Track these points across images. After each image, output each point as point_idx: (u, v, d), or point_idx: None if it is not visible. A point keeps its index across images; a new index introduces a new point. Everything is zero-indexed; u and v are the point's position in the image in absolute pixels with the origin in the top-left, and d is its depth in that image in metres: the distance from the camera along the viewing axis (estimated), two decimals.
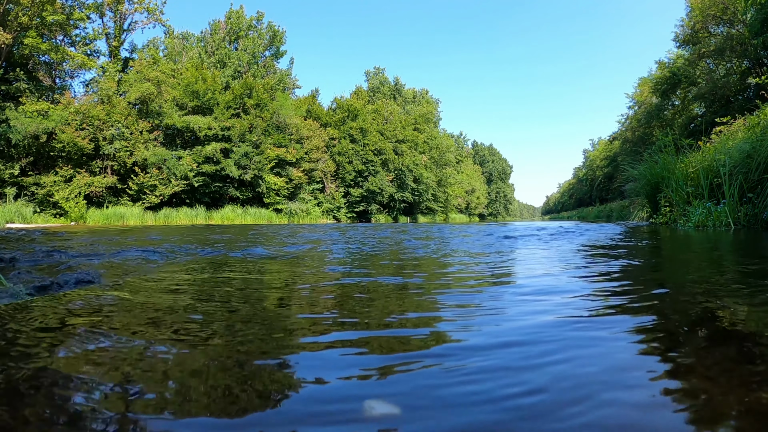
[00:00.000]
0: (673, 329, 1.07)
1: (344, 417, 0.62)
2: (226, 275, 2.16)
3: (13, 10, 18.79)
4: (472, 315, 1.22)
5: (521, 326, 1.08)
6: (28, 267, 2.35)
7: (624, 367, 0.80)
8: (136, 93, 22.39)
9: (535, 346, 0.91)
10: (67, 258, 2.86)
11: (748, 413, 0.62)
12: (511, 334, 1.01)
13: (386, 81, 54.47)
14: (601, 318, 1.15)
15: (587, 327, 1.06)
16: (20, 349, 0.92)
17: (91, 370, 0.82)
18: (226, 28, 32.89)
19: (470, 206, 66.83)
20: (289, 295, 1.65)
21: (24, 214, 17.32)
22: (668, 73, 28.71)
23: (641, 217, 11.14)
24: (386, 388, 0.72)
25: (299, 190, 29.75)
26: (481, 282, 1.90)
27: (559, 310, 1.25)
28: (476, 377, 0.75)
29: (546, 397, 0.67)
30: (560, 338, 0.97)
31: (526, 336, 0.99)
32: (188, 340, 1.00)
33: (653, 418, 0.61)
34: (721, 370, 0.78)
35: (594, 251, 3.25)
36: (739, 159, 6.28)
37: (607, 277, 1.92)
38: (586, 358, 0.84)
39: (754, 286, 1.65)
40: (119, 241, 4.83)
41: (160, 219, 21.41)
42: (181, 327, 1.12)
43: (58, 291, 1.58)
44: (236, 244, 4.57)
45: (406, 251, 3.54)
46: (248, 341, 1.00)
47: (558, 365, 0.80)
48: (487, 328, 1.07)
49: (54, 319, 1.20)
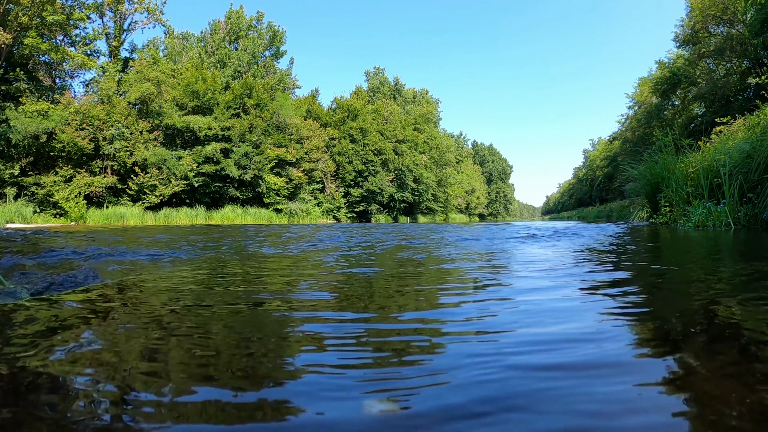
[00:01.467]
0: (673, 329, 1.07)
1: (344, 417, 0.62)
2: (226, 275, 2.16)
3: (13, 10, 18.79)
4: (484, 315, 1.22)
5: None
6: (29, 266, 2.35)
7: (624, 369, 0.80)
8: (136, 93, 22.39)
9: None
10: (66, 258, 2.86)
11: (750, 414, 0.62)
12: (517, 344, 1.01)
13: (386, 81, 54.47)
14: (602, 317, 1.15)
15: (587, 327, 1.06)
16: (20, 349, 0.92)
17: (90, 370, 0.81)
18: (226, 28, 32.90)
19: (470, 206, 66.83)
20: (291, 295, 1.65)
21: (24, 214, 17.32)
22: (668, 73, 28.71)
23: (641, 217, 11.13)
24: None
25: (299, 190, 29.75)
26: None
27: (559, 308, 1.25)
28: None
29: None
30: (554, 334, 0.97)
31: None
32: (188, 340, 1.00)
33: (654, 419, 0.61)
34: (722, 371, 0.78)
35: (594, 251, 3.25)
36: (739, 159, 6.28)
37: (608, 277, 1.92)
38: (582, 356, 0.84)
39: (755, 285, 1.65)
40: (119, 241, 4.83)
41: (160, 219, 21.41)
42: (181, 327, 1.12)
43: (58, 291, 1.58)
44: (236, 244, 4.57)
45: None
46: (250, 341, 1.00)
47: (557, 365, 0.80)
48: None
49: (54, 319, 1.20)
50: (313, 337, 1.03)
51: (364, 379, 0.76)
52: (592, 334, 1.00)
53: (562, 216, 63.72)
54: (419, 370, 0.79)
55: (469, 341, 0.96)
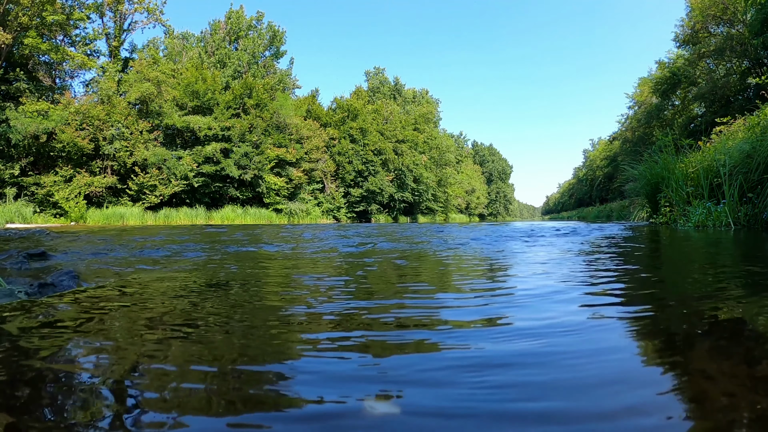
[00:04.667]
0: (672, 329, 1.06)
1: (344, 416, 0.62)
2: (226, 274, 2.15)
3: (13, 10, 18.79)
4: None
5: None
6: (27, 267, 2.34)
7: (624, 368, 0.79)
8: (136, 93, 22.39)
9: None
10: (66, 258, 2.86)
11: (753, 416, 0.61)
12: (519, 349, 1.01)
13: (386, 81, 54.48)
14: (601, 317, 1.15)
15: (586, 327, 1.06)
16: (17, 350, 0.92)
17: (87, 370, 0.81)
18: (226, 28, 32.90)
19: (470, 206, 66.84)
20: (291, 294, 1.65)
21: (24, 214, 17.32)
22: (668, 73, 28.72)
23: (641, 217, 11.13)
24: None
25: (299, 190, 29.75)
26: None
27: (557, 308, 1.24)
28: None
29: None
30: (556, 338, 0.97)
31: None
32: (188, 340, 0.99)
33: (654, 420, 0.61)
34: (724, 372, 0.78)
35: (594, 251, 3.25)
36: (739, 159, 6.28)
37: (608, 278, 1.92)
38: (583, 357, 0.83)
39: (755, 285, 1.64)
40: (119, 241, 4.83)
41: (160, 219, 21.41)
42: (180, 326, 1.11)
43: (55, 291, 1.57)
44: (236, 243, 4.57)
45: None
46: (249, 341, 0.99)
47: (555, 365, 0.80)
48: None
49: (51, 319, 1.20)
50: (314, 337, 1.02)
51: (363, 375, 0.75)
52: (590, 332, 1.00)
53: (562, 216, 63.75)
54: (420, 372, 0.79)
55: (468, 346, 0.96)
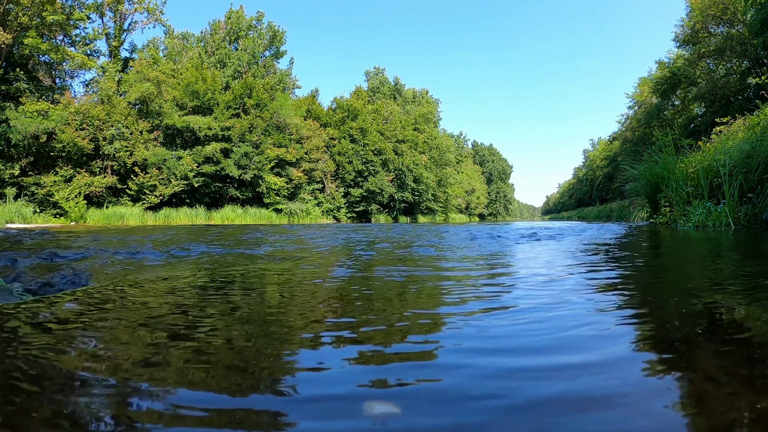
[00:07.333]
0: (672, 329, 1.07)
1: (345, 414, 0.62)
2: (226, 274, 2.15)
3: (13, 10, 18.79)
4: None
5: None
6: (27, 267, 2.34)
7: (623, 367, 0.79)
8: (136, 93, 22.39)
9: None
10: (66, 258, 2.86)
11: (754, 416, 0.61)
12: (521, 348, 1.01)
13: (386, 81, 54.46)
14: (601, 318, 1.15)
15: (586, 327, 1.06)
16: (16, 350, 0.92)
17: (87, 370, 0.81)
18: (226, 28, 32.89)
19: (470, 206, 66.83)
20: (291, 294, 1.65)
21: (24, 214, 17.32)
22: (668, 73, 28.74)
23: (641, 217, 11.13)
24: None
25: (299, 190, 29.75)
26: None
27: (557, 307, 1.24)
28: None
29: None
30: (556, 336, 0.97)
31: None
32: (187, 340, 0.99)
33: (653, 420, 0.61)
34: (724, 372, 0.78)
35: (594, 251, 3.25)
36: (739, 159, 6.28)
37: (608, 278, 1.92)
38: (582, 355, 0.83)
39: (755, 286, 1.64)
40: (119, 241, 4.83)
41: (160, 219, 21.41)
42: (180, 326, 1.11)
43: (56, 291, 1.57)
44: (236, 243, 4.57)
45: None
46: (248, 341, 0.99)
47: (554, 365, 0.80)
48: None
49: (51, 319, 1.20)
50: (313, 338, 1.03)
51: (362, 379, 0.75)
52: (590, 333, 0.99)
53: (562, 216, 63.77)
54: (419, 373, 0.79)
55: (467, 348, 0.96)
